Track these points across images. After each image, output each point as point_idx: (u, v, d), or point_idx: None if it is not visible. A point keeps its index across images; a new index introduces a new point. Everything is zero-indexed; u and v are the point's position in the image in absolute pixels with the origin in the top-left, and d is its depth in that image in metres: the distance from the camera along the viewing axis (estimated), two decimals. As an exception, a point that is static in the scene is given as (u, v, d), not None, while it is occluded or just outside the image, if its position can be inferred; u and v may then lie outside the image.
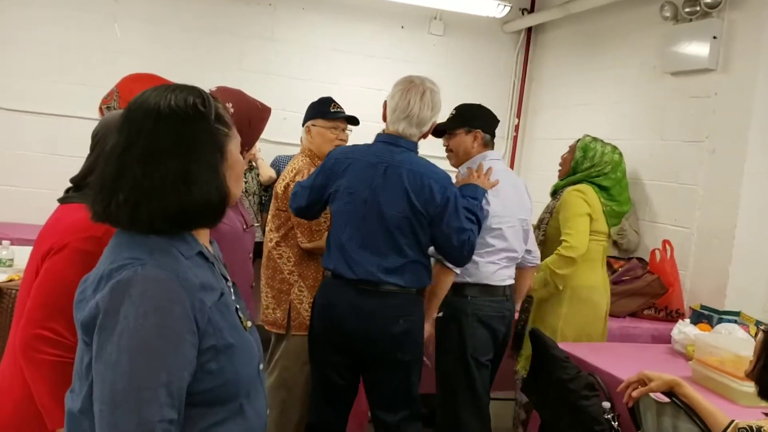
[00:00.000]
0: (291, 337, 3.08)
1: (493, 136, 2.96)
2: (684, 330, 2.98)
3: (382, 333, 2.47)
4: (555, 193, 3.41)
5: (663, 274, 3.69)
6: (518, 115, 5.82)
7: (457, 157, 2.98)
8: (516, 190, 2.92)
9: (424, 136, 2.64)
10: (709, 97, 3.76)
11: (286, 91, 5.11)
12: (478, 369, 2.82)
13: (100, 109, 2.81)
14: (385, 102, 2.60)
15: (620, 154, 3.39)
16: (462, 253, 2.53)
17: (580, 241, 3.08)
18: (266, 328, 3.15)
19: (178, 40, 5.01)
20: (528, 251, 3.03)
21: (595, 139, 3.39)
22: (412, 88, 2.53)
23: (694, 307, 3.41)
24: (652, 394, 2.12)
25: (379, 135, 2.58)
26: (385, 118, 2.61)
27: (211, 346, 1.22)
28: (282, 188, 3.09)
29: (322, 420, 2.74)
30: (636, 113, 4.44)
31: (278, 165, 4.80)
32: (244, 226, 2.22)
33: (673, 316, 3.66)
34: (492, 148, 2.97)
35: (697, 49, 3.75)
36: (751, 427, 1.64)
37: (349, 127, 3.26)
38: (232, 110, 2.14)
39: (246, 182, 4.60)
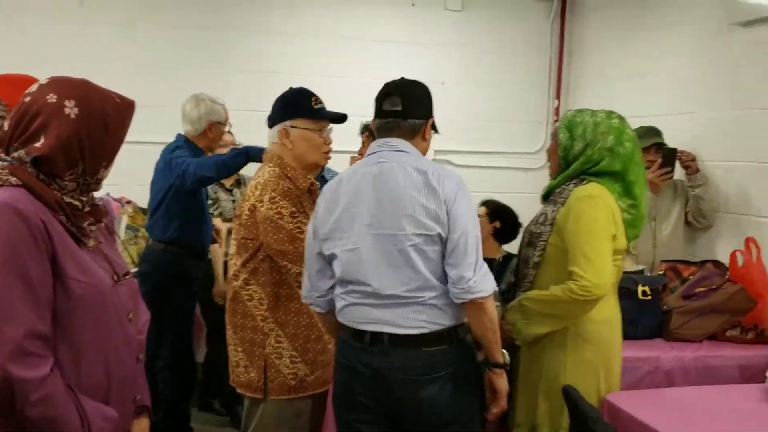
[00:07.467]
0: (269, 401, 2.42)
1: (378, 116, 2.11)
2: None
3: None
4: (548, 195, 2.37)
5: (749, 283, 2.83)
6: (557, 96, 4.99)
7: None
8: (381, 194, 1.98)
9: (204, 133, 3.48)
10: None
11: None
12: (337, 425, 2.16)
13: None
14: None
15: (620, 118, 2.30)
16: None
17: (602, 277, 2.11)
18: (238, 391, 2.49)
19: (155, 38, 4.41)
20: (447, 279, 1.95)
21: (579, 110, 2.39)
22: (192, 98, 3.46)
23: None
24: None
25: None
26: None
27: None
28: (247, 211, 2.41)
29: None
30: (699, 79, 3.71)
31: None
32: (115, 277, 1.53)
33: (765, 336, 2.84)
34: (377, 137, 2.12)
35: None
36: None
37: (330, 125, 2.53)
38: (75, 111, 1.46)
39: (234, 200, 3.94)
